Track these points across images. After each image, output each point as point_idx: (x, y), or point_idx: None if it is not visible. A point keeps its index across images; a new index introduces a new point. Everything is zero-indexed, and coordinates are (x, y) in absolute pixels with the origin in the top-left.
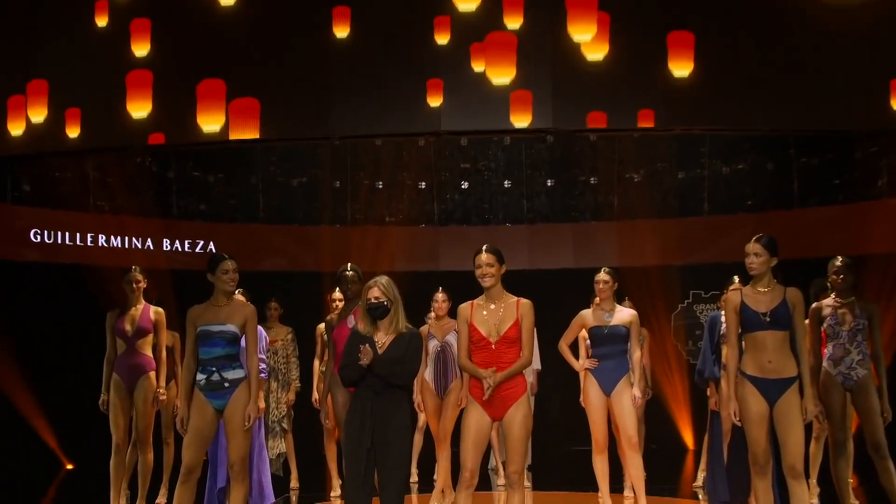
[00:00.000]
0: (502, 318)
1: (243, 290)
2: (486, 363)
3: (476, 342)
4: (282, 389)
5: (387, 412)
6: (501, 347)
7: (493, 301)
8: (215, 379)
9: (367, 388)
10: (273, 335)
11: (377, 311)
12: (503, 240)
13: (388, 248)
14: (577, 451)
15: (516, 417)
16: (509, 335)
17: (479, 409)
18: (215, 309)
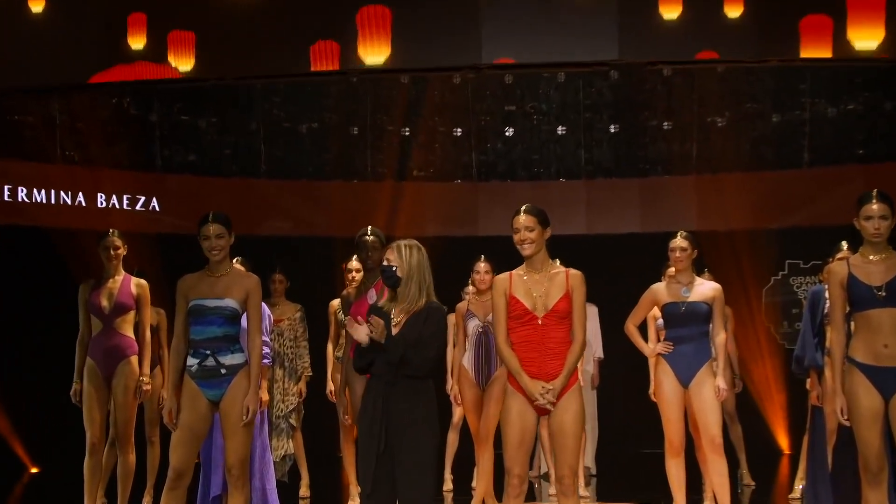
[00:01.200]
0: (548, 290)
1: (242, 259)
2: (530, 343)
3: (518, 317)
4: (289, 378)
5: (403, 406)
6: (549, 324)
7: (536, 271)
8: (210, 364)
9: (379, 378)
10: (278, 313)
11: (384, 275)
12: (555, 198)
13: (416, 208)
14: (646, 454)
15: (568, 411)
16: (559, 309)
17: (521, 400)
18: (211, 280)
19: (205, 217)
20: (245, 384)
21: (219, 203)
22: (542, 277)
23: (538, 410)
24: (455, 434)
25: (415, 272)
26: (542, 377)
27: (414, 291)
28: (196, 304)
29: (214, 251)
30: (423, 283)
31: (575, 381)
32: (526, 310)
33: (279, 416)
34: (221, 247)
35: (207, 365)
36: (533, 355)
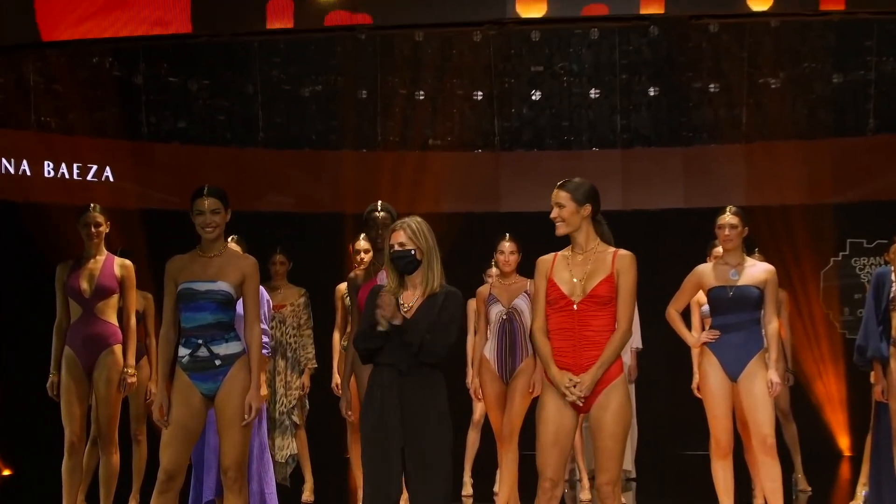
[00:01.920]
0: (590, 272)
1: (238, 237)
2: (564, 331)
3: (553, 302)
4: (291, 371)
5: (416, 399)
6: (586, 310)
7: (581, 252)
8: (203, 355)
9: (387, 367)
10: (280, 298)
11: (401, 262)
12: (588, 170)
13: (431, 181)
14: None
15: (609, 408)
16: (598, 294)
17: (559, 397)
18: (203, 261)
19: (199, 190)
20: (242, 376)
21: (212, 175)
22: (587, 258)
23: (577, 407)
24: (476, 433)
25: (432, 252)
26: (576, 370)
27: (436, 275)
28: (186, 288)
29: (209, 228)
30: (438, 262)
31: (619, 372)
32: (561, 294)
33: (281, 413)
34: (217, 224)
35: (200, 355)
36: (566, 345)
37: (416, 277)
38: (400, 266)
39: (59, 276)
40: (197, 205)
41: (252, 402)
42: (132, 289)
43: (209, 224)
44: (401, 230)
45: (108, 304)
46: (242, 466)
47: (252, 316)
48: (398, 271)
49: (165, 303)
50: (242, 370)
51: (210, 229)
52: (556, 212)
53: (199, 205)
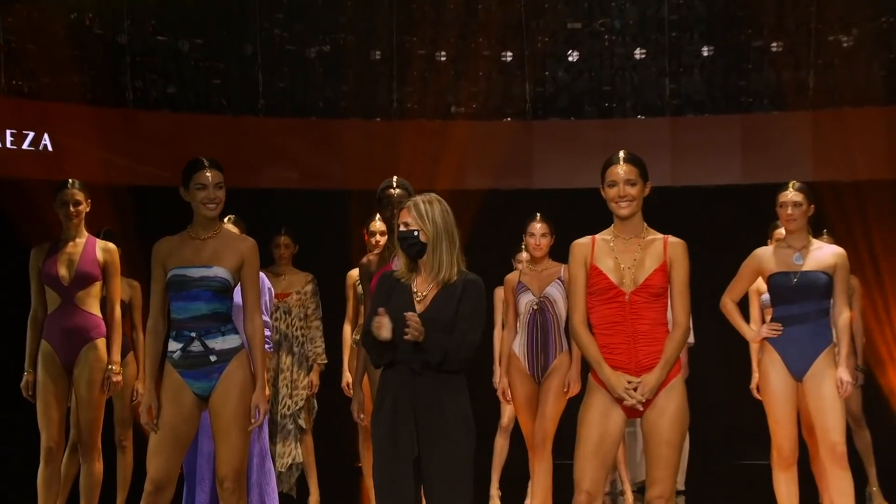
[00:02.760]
0: (640, 260)
1: (235, 217)
2: (615, 325)
3: (601, 293)
4: (298, 367)
5: (433, 400)
6: (639, 302)
7: (627, 237)
8: (196, 350)
9: (400, 367)
10: (284, 286)
11: (404, 244)
12: (632, 141)
13: (454, 153)
14: (748, 466)
15: (667, 411)
16: (652, 284)
17: (604, 397)
18: (196, 244)
19: (197, 162)
20: (240, 374)
21: (206, 147)
22: (634, 245)
23: (628, 411)
24: (504, 439)
25: (442, 235)
26: (631, 369)
27: (444, 260)
28: (177, 275)
29: (212, 205)
30: (452, 247)
31: (677, 371)
32: (610, 284)
33: (285, 416)
34: (220, 200)
35: (193, 350)
36: (619, 340)
37: (427, 263)
38: (404, 249)
39: (33, 262)
40: (198, 178)
41: (259, 404)
42: (116, 275)
43: (214, 200)
44: (410, 208)
45: (89, 292)
46: (241, 476)
47: (252, 305)
48: (406, 255)
49: (153, 291)
50: (241, 367)
51: (213, 206)
52: (625, 190)
53: (202, 178)
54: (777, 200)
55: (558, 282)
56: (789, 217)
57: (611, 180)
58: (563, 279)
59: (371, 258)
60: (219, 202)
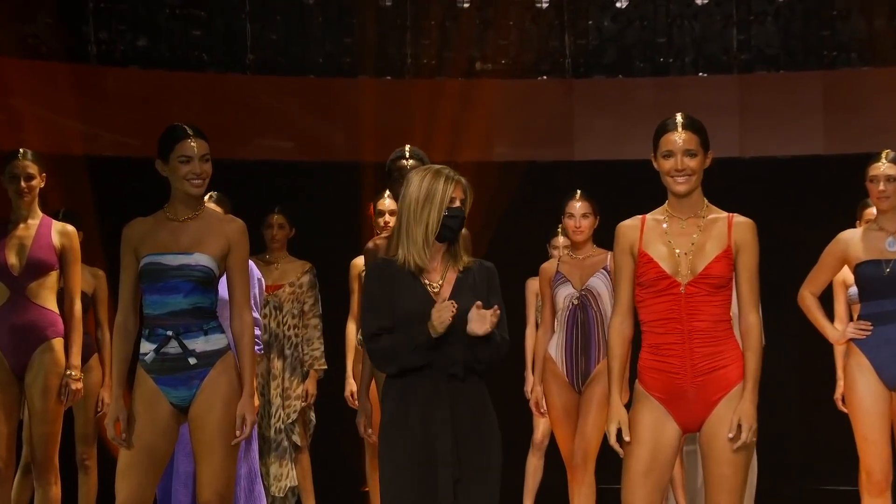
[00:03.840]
0: (699, 243)
1: (219, 194)
2: (668, 322)
3: (651, 284)
4: (291, 374)
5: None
6: (696, 294)
7: (684, 216)
8: (173, 352)
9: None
10: (276, 276)
11: (455, 223)
12: (693, 103)
13: (478, 118)
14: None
15: (726, 423)
16: (712, 273)
17: (657, 408)
18: (174, 226)
19: (179, 130)
20: (226, 381)
21: (183, 111)
22: (692, 226)
23: (684, 424)
24: (538, 458)
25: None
26: (686, 373)
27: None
28: (152, 262)
29: (198, 181)
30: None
31: (740, 376)
32: (661, 273)
33: (278, 431)
34: (208, 174)
35: (170, 352)
36: (673, 340)
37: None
38: (449, 232)
39: None
40: (182, 149)
41: (247, 414)
42: (77, 263)
43: (200, 174)
44: (458, 183)
45: (43, 284)
46: (227, 501)
47: (241, 299)
48: (445, 238)
49: (122, 282)
50: (226, 372)
51: (199, 181)
52: (684, 162)
53: (186, 148)
54: (867, 174)
55: (603, 272)
56: (881, 194)
57: (666, 150)
58: (608, 269)
59: (378, 242)
60: (206, 177)
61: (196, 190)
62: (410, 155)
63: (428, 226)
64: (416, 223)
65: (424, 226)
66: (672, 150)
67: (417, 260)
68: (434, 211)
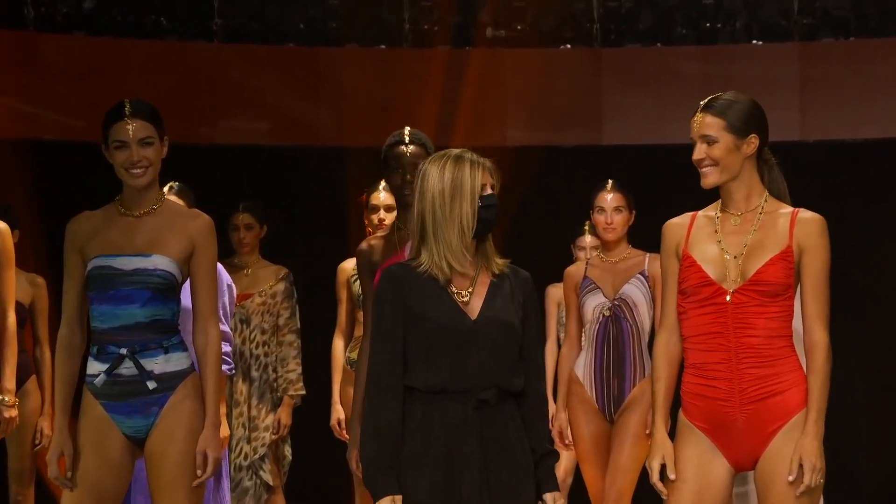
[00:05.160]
0: (754, 244)
1: (181, 185)
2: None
3: (692, 292)
4: (259, 401)
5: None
6: (745, 305)
7: (738, 211)
8: (127, 373)
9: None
10: (245, 284)
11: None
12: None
13: (490, 95)
14: None
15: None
16: (764, 279)
17: (702, 441)
18: (127, 223)
19: (117, 109)
20: (191, 408)
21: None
22: (747, 223)
23: (735, 461)
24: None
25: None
26: (733, 401)
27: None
28: (101, 266)
29: (137, 170)
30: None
31: (802, 402)
32: (705, 279)
33: (238, 468)
34: (150, 162)
35: (123, 374)
36: (718, 359)
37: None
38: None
39: None
40: (116, 132)
41: (209, 450)
42: (9, 267)
43: (138, 162)
44: (485, 169)
45: None
46: None
47: (206, 309)
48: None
49: (66, 289)
50: (191, 398)
51: (139, 171)
52: (701, 150)
53: (120, 132)
54: None
55: (640, 277)
56: None
57: (691, 137)
58: (647, 274)
59: (374, 243)
60: (147, 166)
61: (137, 181)
62: (410, 139)
63: (462, 222)
64: (447, 222)
65: (458, 223)
66: (693, 138)
67: (456, 265)
68: (466, 204)
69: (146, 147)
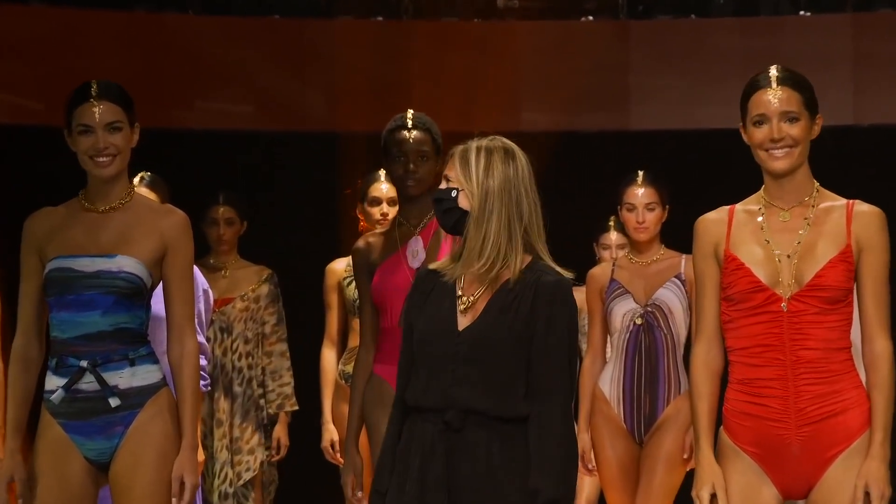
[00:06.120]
0: (808, 242)
1: (153, 176)
2: (764, 350)
3: (741, 299)
4: (243, 419)
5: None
6: (803, 313)
7: (786, 205)
8: (89, 389)
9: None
10: (223, 287)
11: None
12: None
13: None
14: None
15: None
16: (825, 283)
17: (749, 467)
18: (91, 220)
19: (80, 90)
20: (161, 428)
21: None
22: (797, 218)
23: (784, 488)
24: None
25: (496, 204)
26: (789, 422)
27: (497, 243)
28: (60, 268)
29: (103, 158)
30: (512, 225)
31: (864, 424)
32: (756, 283)
33: (223, 496)
34: (119, 149)
35: (84, 390)
36: (772, 374)
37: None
38: (438, 217)
39: None
40: (81, 115)
41: (186, 475)
42: None
43: (105, 150)
44: (455, 158)
45: None
46: None
47: (181, 317)
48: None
49: (23, 294)
50: (160, 417)
51: (105, 159)
52: (781, 128)
53: (85, 115)
54: None
55: (676, 281)
56: None
57: (757, 114)
58: (683, 277)
59: (372, 240)
60: (115, 154)
61: (102, 171)
62: (414, 124)
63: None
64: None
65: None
66: (766, 114)
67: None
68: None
69: (114, 133)
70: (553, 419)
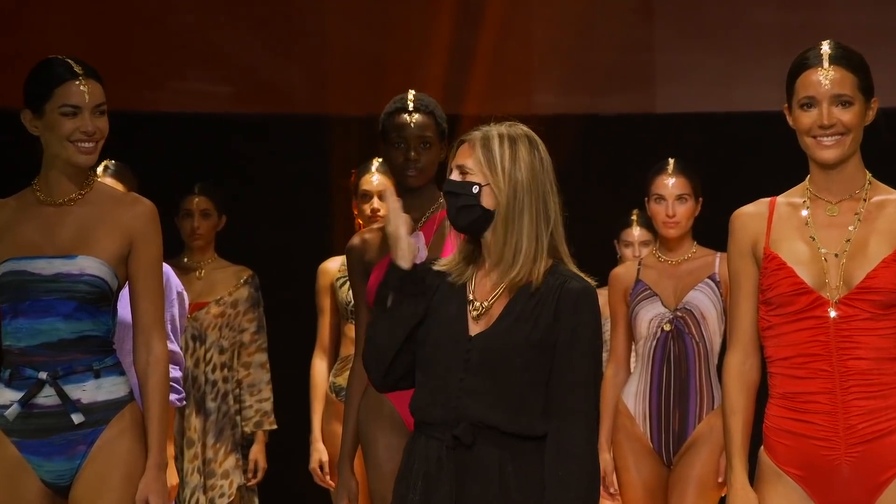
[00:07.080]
0: (859, 240)
1: (117, 165)
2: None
3: (783, 302)
4: (217, 439)
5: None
6: (855, 319)
7: (834, 198)
8: (47, 403)
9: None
10: (198, 290)
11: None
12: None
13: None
14: None
15: None
16: (877, 285)
17: (793, 491)
18: (47, 214)
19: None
20: (127, 447)
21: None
22: (847, 212)
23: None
24: None
25: (525, 201)
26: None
27: (524, 245)
28: (13, 272)
29: (88, 144)
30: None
31: None
32: (801, 286)
33: None
34: (104, 135)
35: (42, 405)
36: (818, 387)
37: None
38: (452, 215)
39: None
40: (67, 94)
41: (152, 497)
42: None
43: (92, 135)
44: (468, 144)
45: None
46: None
47: (149, 321)
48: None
49: None
50: (127, 434)
51: (90, 144)
52: (832, 113)
53: (72, 95)
54: None
55: (710, 283)
56: None
57: (805, 96)
58: (718, 279)
59: (368, 237)
60: (100, 139)
61: (85, 158)
62: (415, 106)
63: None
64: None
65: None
66: (815, 97)
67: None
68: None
69: (101, 117)
70: (574, 438)
